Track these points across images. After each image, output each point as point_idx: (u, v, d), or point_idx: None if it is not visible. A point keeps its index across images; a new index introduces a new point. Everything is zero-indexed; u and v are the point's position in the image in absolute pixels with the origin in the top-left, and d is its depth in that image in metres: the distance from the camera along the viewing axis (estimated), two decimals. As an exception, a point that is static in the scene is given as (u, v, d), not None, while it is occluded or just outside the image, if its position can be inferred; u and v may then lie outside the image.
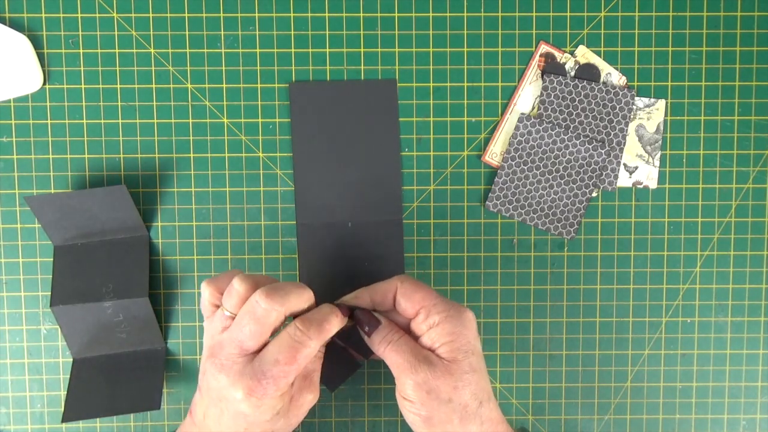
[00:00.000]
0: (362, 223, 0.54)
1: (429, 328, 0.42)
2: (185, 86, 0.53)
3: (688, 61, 0.54)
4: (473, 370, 0.42)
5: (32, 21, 0.53)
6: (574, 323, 0.55)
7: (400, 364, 0.42)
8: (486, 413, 0.42)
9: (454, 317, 0.42)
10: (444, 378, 0.41)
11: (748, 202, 0.55)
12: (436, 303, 0.43)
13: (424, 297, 0.43)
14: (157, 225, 0.54)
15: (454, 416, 0.41)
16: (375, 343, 0.44)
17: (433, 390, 0.41)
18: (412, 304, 0.43)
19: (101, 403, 0.51)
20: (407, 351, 0.42)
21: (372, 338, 0.44)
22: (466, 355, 0.42)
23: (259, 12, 0.53)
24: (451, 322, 0.42)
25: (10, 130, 0.53)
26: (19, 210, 0.54)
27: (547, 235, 0.55)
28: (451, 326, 0.42)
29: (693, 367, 0.55)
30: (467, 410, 0.41)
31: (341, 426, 0.55)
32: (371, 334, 0.44)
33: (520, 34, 0.54)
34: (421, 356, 0.42)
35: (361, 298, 0.45)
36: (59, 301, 0.51)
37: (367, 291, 0.45)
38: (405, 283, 0.44)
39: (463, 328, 0.42)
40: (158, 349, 0.54)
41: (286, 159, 0.54)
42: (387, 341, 0.43)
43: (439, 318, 0.42)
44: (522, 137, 0.54)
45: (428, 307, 0.42)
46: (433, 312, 0.42)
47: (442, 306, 0.43)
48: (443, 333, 0.42)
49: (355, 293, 0.46)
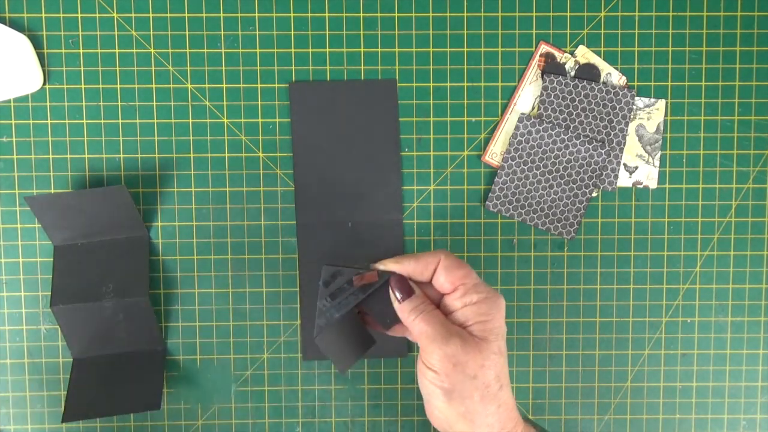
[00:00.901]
0: (362, 223, 0.54)
1: (464, 306, 0.43)
2: (185, 86, 0.53)
3: (688, 61, 0.54)
4: (500, 353, 0.43)
5: (32, 21, 0.53)
6: (574, 323, 0.55)
7: (430, 334, 0.43)
8: (504, 397, 0.43)
9: (491, 299, 0.43)
10: (473, 354, 0.42)
11: (748, 202, 0.55)
12: (477, 283, 0.44)
13: (466, 275, 0.44)
14: (157, 225, 0.54)
15: (476, 393, 0.42)
16: (405, 311, 0.44)
17: (460, 363, 0.42)
18: (452, 279, 0.44)
19: (101, 403, 0.51)
20: (439, 323, 0.43)
21: (403, 305, 0.44)
22: (497, 338, 0.43)
23: (259, 12, 0.53)
24: (488, 304, 0.43)
25: (10, 130, 0.53)
26: (19, 210, 0.54)
27: (547, 235, 0.55)
28: (488, 307, 0.43)
29: (693, 367, 0.55)
30: (489, 390, 0.42)
31: (341, 426, 0.55)
32: (404, 301, 0.44)
33: (520, 34, 0.54)
34: (453, 329, 0.43)
35: (402, 264, 0.46)
36: (59, 301, 0.51)
37: (410, 258, 0.46)
38: (449, 258, 0.45)
39: (498, 312, 0.43)
40: (158, 349, 0.54)
41: (286, 159, 0.54)
42: (419, 311, 0.44)
43: (478, 298, 0.43)
44: (522, 137, 0.54)
45: (468, 285, 0.44)
46: (472, 291, 0.43)
47: (483, 287, 0.44)
48: (479, 312, 0.43)
49: (397, 258, 0.46)
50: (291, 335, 0.55)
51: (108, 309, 0.52)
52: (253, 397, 0.55)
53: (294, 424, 0.55)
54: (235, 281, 0.54)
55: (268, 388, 0.55)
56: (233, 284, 0.54)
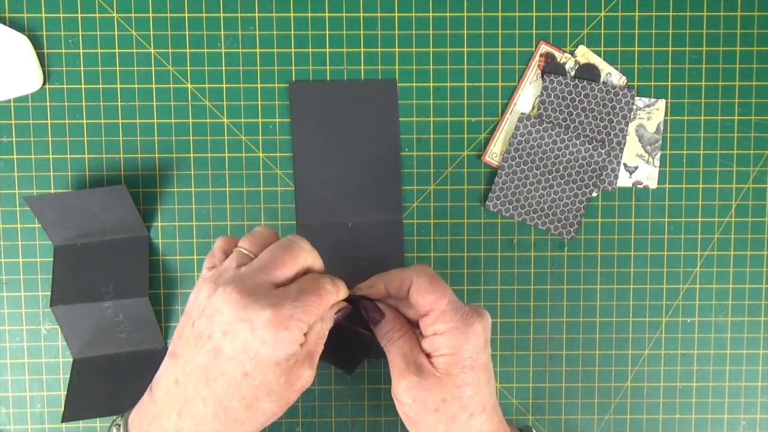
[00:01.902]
0: (362, 223, 0.54)
1: (433, 334, 0.41)
2: (185, 86, 0.53)
3: (688, 61, 0.54)
4: (467, 385, 0.41)
5: (32, 21, 0.53)
6: (574, 323, 0.55)
7: (394, 365, 0.42)
8: (477, 425, 0.41)
9: (459, 330, 0.41)
10: (433, 390, 0.40)
11: (748, 202, 0.55)
12: (445, 311, 0.41)
13: (436, 300, 0.41)
14: (157, 225, 0.54)
15: (440, 425, 0.41)
16: (378, 336, 0.43)
17: (419, 399, 0.40)
18: (422, 303, 0.41)
19: (101, 403, 0.51)
20: (402, 354, 0.41)
21: (375, 331, 0.44)
22: (462, 370, 0.40)
23: (259, 12, 0.53)
24: (454, 336, 0.41)
25: (10, 130, 0.53)
26: (19, 210, 0.54)
27: (547, 235, 0.55)
28: (453, 340, 0.41)
29: (693, 367, 0.55)
30: (455, 421, 0.41)
31: (341, 426, 0.55)
32: (375, 326, 0.44)
33: (520, 34, 0.54)
34: (414, 363, 0.41)
35: (375, 287, 0.44)
36: (59, 301, 0.51)
37: (382, 279, 0.43)
38: (420, 279, 0.42)
39: (466, 343, 0.41)
40: (158, 349, 0.54)
41: (286, 159, 0.54)
42: (387, 338, 0.43)
43: (444, 328, 0.41)
44: (522, 137, 0.54)
45: (437, 312, 0.41)
46: (440, 319, 0.41)
47: (450, 315, 0.41)
48: (444, 344, 0.41)
49: (370, 281, 0.44)
50: (291, 335, 0.55)
51: (108, 309, 0.52)
52: (253, 397, 0.55)
53: (294, 424, 0.55)
54: (235, 281, 0.54)
55: (268, 388, 0.55)
56: (233, 284, 0.54)
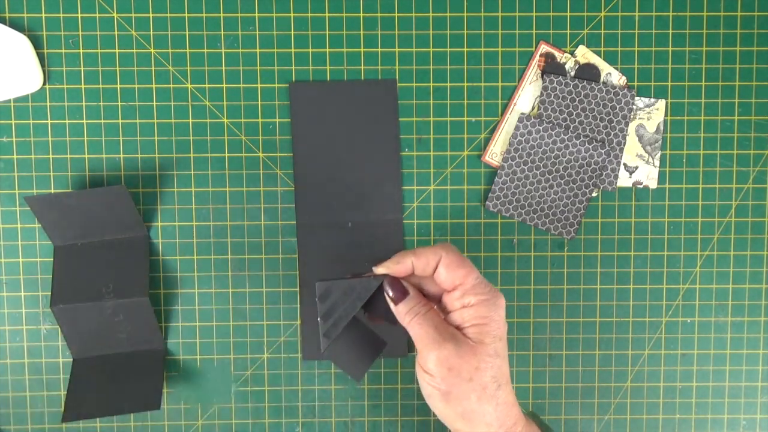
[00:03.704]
0: (362, 223, 0.54)
1: (462, 307, 0.43)
2: (185, 86, 0.53)
3: (688, 61, 0.54)
4: (497, 355, 0.42)
5: (32, 21, 0.53)
6: (574, 323, 0.55)
7: (424, 337, 0.42)
8: (503, 396, 0.43)
9: (490, 301, 0.43)
10: (468, 357, 0.42)
11: (748, 202, 0.55)
12: (475, 285, 0.43)
13: (466, 274, 0.43)
14: (157, 225, 0.54)
15: (473, 395, 0.42)
16: (401, 313, 0.44)
17: (455, 367, 0.42)
18: (452, 278, 0.43)
19: (101, 403, 0.51)
20: (433, 325, 0.42)
21: (398, 308, 0.44)
22: (493, 340, 0.42)
23: (259, 12, 0.53)
24: (486, 306, 0.43)
25: (10, 130, 0.53)
26: (19, 210, 0.54)
27: (547, 235, 0.55)
28: (486, 310, 0.42)
29: (693, 367, 0.55)
30: (486, 391, 0.42)
31: (341, 426, 0.55)
32: (398, 303, 0.44)
33: (520, 34, 0.54)
34: (447, 332, 0.42)
35: (402, 263, 0.45)
36: (59, 301, 0.51)
37: (411, 255, 0.45)
38: (450, 255, 0.44)
39: (496, 314, 0.43)
40: (158, 349, 0.54)
41: (286, 159, 0.54)
42: (413, 313, 0.43)
43: (476, 300, 0.43)
44: (522, 137, 0.54)
45: (467, 286, 0.43)
46: (470, 292, 0.43)
47: (481, 288, 0.43)
48: (476, 315, 0.42)
49: (397, 257, 0.45)
50: (291, 335, 0.55)
51: (108, 309, 0.52)
52: (253, 397, 0.55)
53: (294, 424, 0.55)
54: (235, 281, 0.54)
55: (268, 388, 0.55)
56: (233, 284, 0.54)
